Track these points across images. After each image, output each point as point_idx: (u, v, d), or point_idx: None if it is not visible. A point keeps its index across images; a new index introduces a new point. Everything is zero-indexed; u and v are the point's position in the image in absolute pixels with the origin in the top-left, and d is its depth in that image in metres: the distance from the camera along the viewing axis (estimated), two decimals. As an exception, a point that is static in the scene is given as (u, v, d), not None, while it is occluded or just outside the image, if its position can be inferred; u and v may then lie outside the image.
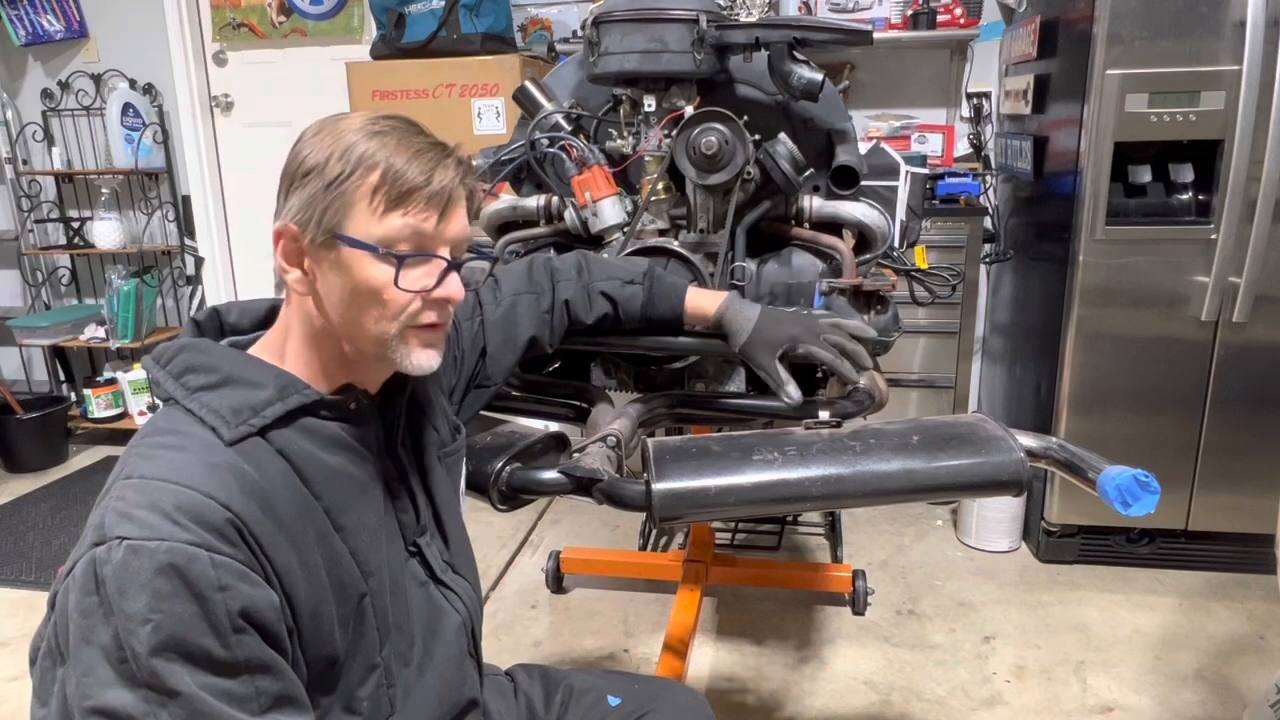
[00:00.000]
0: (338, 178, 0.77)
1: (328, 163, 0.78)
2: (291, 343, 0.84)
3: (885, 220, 1.47)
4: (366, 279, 0.79)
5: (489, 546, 2.68)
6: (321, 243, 0.79)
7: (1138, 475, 0.98)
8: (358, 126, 0.79)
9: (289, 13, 3.31)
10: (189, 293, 3.62)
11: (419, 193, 0.78)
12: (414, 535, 0.94)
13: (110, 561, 0.68)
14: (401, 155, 0.78)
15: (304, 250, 0.80)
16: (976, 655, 2.13)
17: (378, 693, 0.86)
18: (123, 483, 0.73)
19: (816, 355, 1.14)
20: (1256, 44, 2.02)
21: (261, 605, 0.72)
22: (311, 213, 0.78)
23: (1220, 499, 2.34)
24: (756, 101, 1.49)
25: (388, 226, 0.78)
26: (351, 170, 0.77)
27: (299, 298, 0.83)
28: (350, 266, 0.79)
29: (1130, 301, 2.27)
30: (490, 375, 1.13)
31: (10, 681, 2.11)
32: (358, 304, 0.80)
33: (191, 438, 0.76)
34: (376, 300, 0.79)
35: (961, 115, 2.99)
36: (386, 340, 0.81)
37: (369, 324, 0.81)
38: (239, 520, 0.72)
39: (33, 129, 3.53)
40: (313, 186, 0.78)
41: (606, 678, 1.19)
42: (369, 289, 0.79)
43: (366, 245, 0.78)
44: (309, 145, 0.80)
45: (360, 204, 0.78)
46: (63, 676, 0.70)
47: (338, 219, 0.78)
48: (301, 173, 0.79)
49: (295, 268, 0.81)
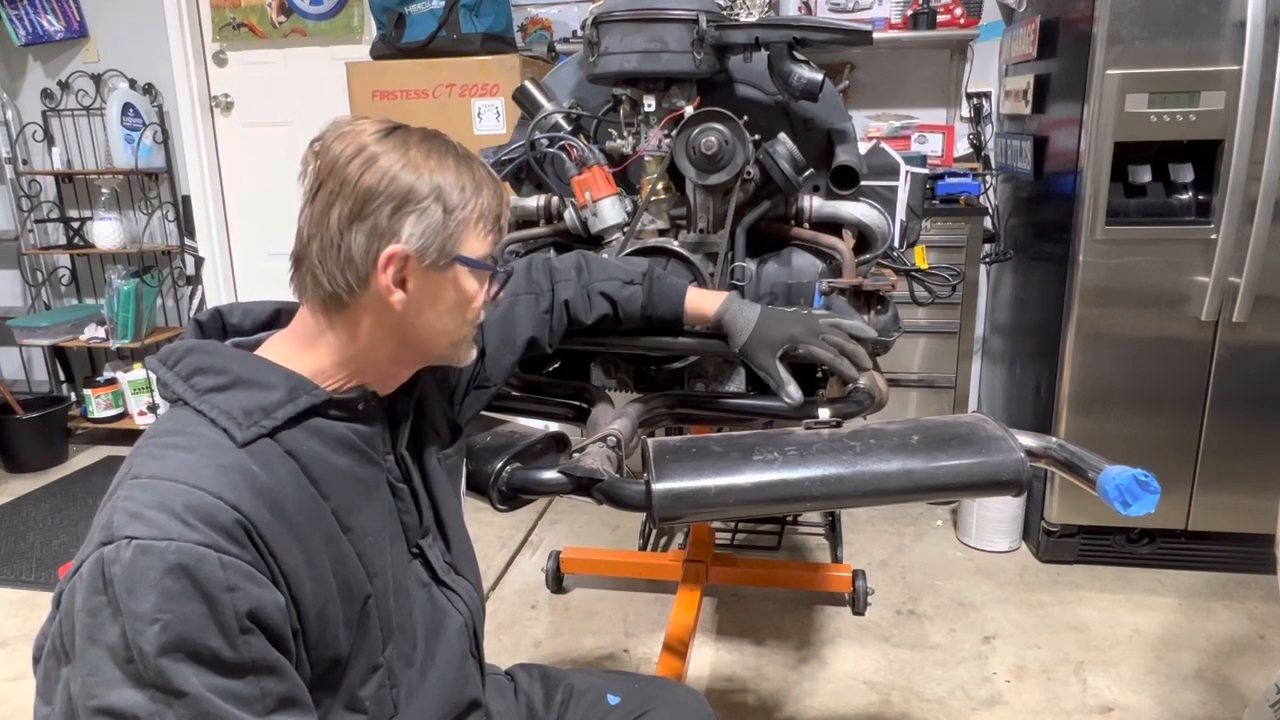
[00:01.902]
0: (458, 206, 0.84)
1: (442, 191, 0.83)
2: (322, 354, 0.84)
3: (885, 220, 1.47)
4: (466, 292, 0.87)
5: (489, 546, 2.68)
6: (440, 265, 0.84)
7: (1138, 475, 0.98)
8: (441, 150, 0.85)
9: (289, 13, 3.31)
10: (189, 293, 3.62)
11: (502, 216, 0.90)
12: (417, 537, 0.94)
13: (119, 561, 0.68)
14: (486, 185, 0.88)
15: (412, 271, 0.83)
16: (976, 655, 2.13)
17: (380, 693, 0.86)
18: (131, 482, 0.74)
19: (816, 355, 1.15)
20: (1256, 44, 2.02)
21: (268, 607, 0.72)
22: (434, 239, 0.83)
23: (1220, 499, 2.34)
24: (756, 101, 1.49)
25: (488, 245, 0.88)
26: (468, 199, 0.85)
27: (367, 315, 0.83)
28: (459, 282, 0.86)
29: (1130, 301, 2.27)
30: (489, 376, 1.13)
31: (10, 681, 2.11)
32: (452, 314, 0.88)
33: (201, 438, 0.76)
34: (468, 309, 0.89)
35: (961, 115, 2.99)
36: (459, 342, 0.91)
37: (454, 329, 0.89)
38: (248, 521, 0.73)
39: (33, 129, 3.53)
40: (433, 213, 0.82)
41: (606, 677, 1.19)
42: (466, 299, 0.88)
43: (486, 265, 0.88)
44: (396, 168, 0.81)
45: (471, 229, 0.85)
46: (67, 676, 0.70)
47: (458, 243, 0.85)
48: (416, 197, 0.81)
49: (398, 288, 0.82)
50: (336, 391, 0.84)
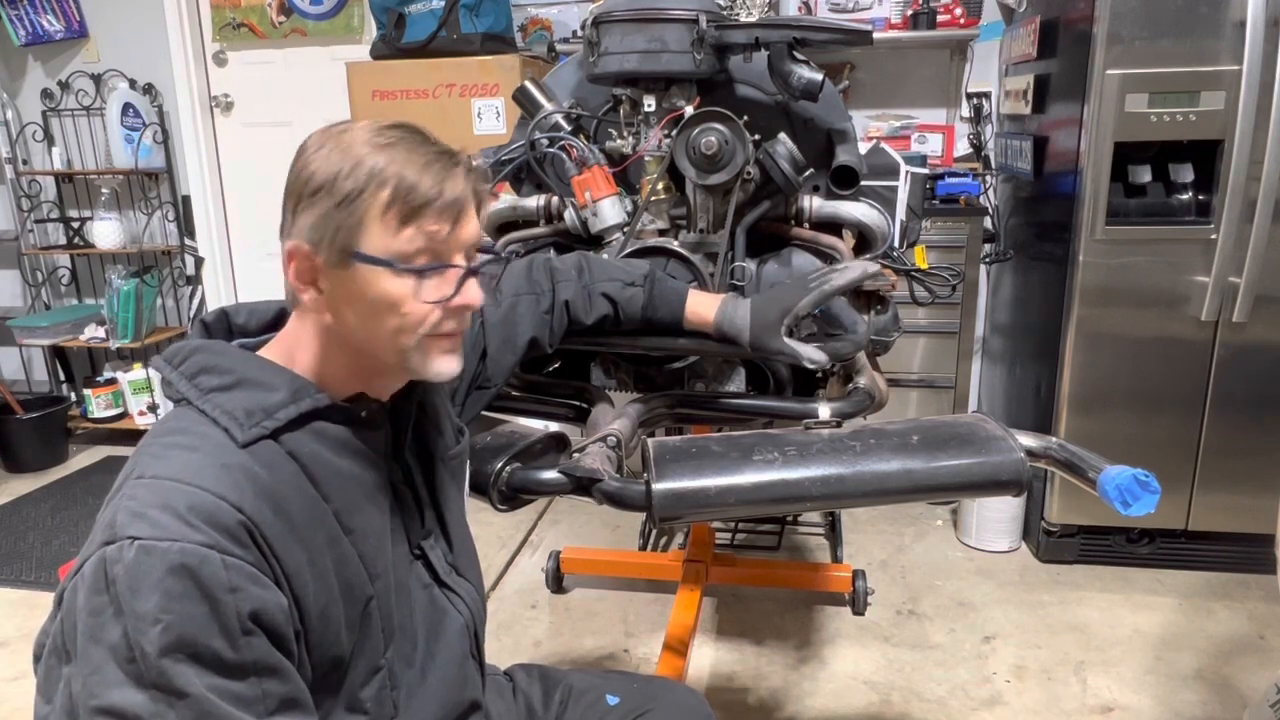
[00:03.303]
0: (348, 195, 0.76)
1: (336, 180, 0.76)
2: (302, 353, 0.83)
3: (885, 220, 1.47)
4: (384, 294, 0.78)
5: (489, 546, 2.68)
6: (336, 261, 0.77)
7: (1138, 475, 0.98)
8: (364, 139, 0.78)
9: (289, 13, 3.31)
10: (189, 293, 3.62)
11: (431, 206, 0.77)
12: (419, 538, 0.94)
13: (121, 561, 0.68)
14: (411, 168, 0.77)
15: (318, 269, 0.79)
16: (976, 655, 2.13)
17: (381, 694, 0.86)
18: (134, 482, 0.73)
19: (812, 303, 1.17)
20: (1256, 44, 2.02)
21: (271, 608, 0.72)
22: (324, 232, 0.77)
23: (1220, 499, 2.34)
24: (756, 101, 1.49)
25: (403, 241, 0.77)
26: (362, 187, 0.76)
27: (314, 313, 0.82)
28: (369, 282, 0.78)
29: (1130, 301, 2.27)
30: (490, 376, 1.13)
31: (10, 681, 2.11)
32: (377, 319, 0.79)
33: (204, 438, 0.76)
34: (396, 314, 0.79)
35: (961, 115, 2.99)
36: (406, 351, 0.81)
37: (389, 337, 0.80)
38: (250, 522, 0.72)
39: (33, 129, 3.53)
40: (323, 205, 0.76)
41: (605, 677, 1.19)
42: (387, 303, 0.78)
43: (384, 261, 0.77)
44: (314, 160, 0.78)
45: (374, 221, 0.76)
46: (68, 675, 0.70)
47: (352, 237, 0.77)
48: (309, 190, 0.77)
49: (309, 286, 0.80)
50: (338, 400, 0.84)
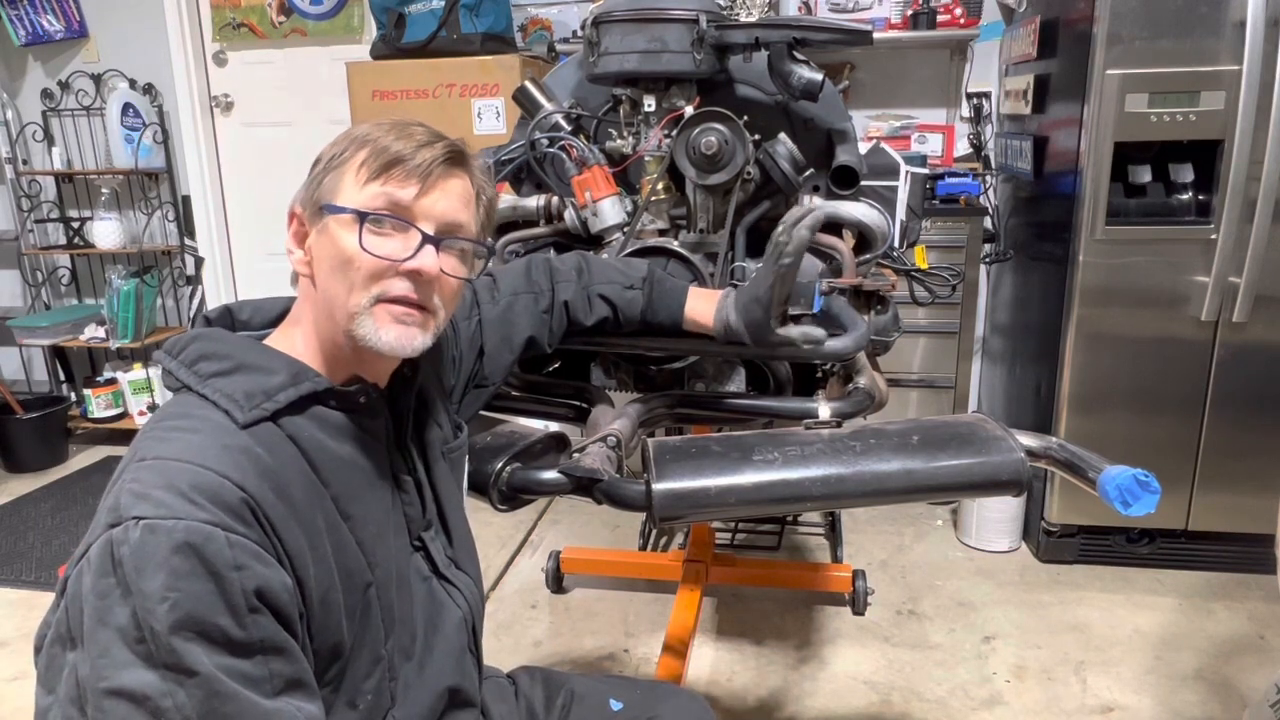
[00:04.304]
0: (334, 157, 0.83)
1: (331, 149, 0.85)
2: (301, 331, 0.86)
3: (885, 220, 1.47)
4: (343, 245, 0.81)
5: (489, 546, 2.68)
6: (313, 216, 0.84)
7: (1138, 475, 0.98)
8: (371, 123, 0.85)
9: (289, 13, 3.31)
10: (189, 293, 3.62)
11: (400, 164, 0.81)
12: (419, 529, 0.94)
13: (127, 541, 0.68)
14: (393, 135, 0.83)
15: (306, 231, 0.85)
16: (976, 655, 2.13)
17: (380, 685, 0.86)
18: (136, 465, 0.74)
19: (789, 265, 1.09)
20: (1256, 44, 2.02)
21: (275, 586, 0.72)
22: (310, 190, 0.84)
23: (1220, 499, 2.34)
24: (756, 101, 1.48)
25: (367, 194, 0.81)
26: (345, 149, 0.83)
27: (307, 284, 0.86)
28: (334, 235, 0.82)
29: (1130, 301, 2.27)
30: (488, 375, 1.13)
31: (10, 681, 2.10)
32: (336, 275, 0.82)
33: (205, 421, 0.77)
34: (350, 267, 0.81)
35: (961, 115, 2.99)
36: (358, 315, 0.81)
37: (343, 295, 0.81)
38: (253, 501, 0.73)
39: (33, 129, 3.53)
40: (316, 170, 0.85)
41: (609, 682, 1.19)
42: (344, 256, 0.81)
43: (345, 209, 0.81)
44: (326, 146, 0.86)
45: (348, 176, 0.82)
46: (74, 660, 0.69)
47: (327, 192, 0.83)
48: (313, 164, 0.86)
49: (299, 248, 0.86)
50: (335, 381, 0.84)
